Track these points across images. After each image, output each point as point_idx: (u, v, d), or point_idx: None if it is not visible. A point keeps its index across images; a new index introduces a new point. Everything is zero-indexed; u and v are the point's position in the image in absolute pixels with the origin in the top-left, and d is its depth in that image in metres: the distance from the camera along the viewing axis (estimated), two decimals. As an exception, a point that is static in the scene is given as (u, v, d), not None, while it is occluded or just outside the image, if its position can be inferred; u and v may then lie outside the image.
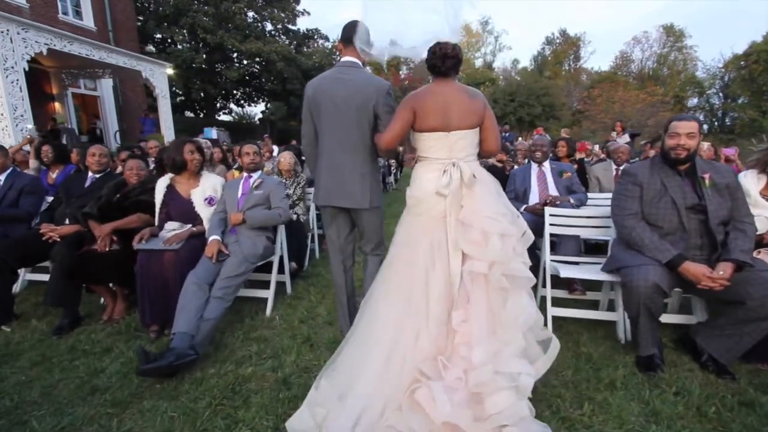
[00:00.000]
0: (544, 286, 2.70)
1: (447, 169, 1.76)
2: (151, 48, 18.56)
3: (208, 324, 2.21)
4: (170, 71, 11.44)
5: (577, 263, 2.85)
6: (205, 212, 2.79)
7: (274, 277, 2.85)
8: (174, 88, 21.04)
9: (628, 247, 2.21)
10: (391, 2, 1.87)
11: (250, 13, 19.99)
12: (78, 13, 13.48)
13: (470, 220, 1.70)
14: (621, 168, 3.95)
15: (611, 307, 2.61)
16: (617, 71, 33.77)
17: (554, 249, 3.00)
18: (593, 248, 3.50)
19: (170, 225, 2.74)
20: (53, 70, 12.30)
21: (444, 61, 1.77)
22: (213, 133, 15.09)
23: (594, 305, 2.76)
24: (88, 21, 13.63)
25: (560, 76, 34.16)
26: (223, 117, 28.86)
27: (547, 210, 2.78)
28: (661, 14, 51.82)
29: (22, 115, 8.15)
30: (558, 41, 38.89)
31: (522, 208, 3.28)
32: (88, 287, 2.77)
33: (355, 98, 2.02)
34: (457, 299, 1.68)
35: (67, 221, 2.90)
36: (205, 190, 2.79)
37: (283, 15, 20.77)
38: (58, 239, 2.71)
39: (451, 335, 1.67)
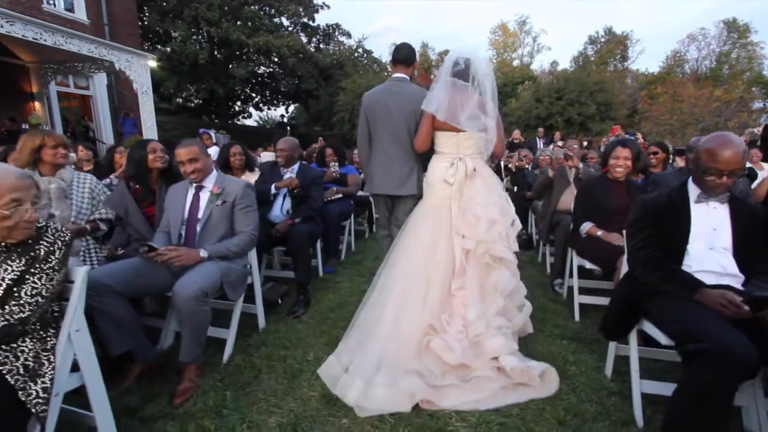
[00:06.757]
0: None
1: (454, 162, 2.29)
2: (166, 49, 17.24)
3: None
4: (153, 63, 9.71)
5: None
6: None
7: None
8: (181, 91, 19.73)
9: None
10: None
11: (265, 7, 18.34)
12: (70, 5, 12.19)
13: (466, 206, 2.25)
14: None
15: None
16: (669, 72, 29.87)
17: None
18: None
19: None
20: (33, 66, 10.93)
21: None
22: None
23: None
24: (80, 13, 12.31)
25: (605, 78, 30.67)
26: (247, 122, 27.51)
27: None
28: (714, 13, 46.08)
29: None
30: (603, 40, 35.20)
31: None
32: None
33: (406, 106, 2.47)
34: (457, 270, 2.22)
35: None
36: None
37: (300, 9, 18.99)
38: None
39: (450, 298, 2.21)
